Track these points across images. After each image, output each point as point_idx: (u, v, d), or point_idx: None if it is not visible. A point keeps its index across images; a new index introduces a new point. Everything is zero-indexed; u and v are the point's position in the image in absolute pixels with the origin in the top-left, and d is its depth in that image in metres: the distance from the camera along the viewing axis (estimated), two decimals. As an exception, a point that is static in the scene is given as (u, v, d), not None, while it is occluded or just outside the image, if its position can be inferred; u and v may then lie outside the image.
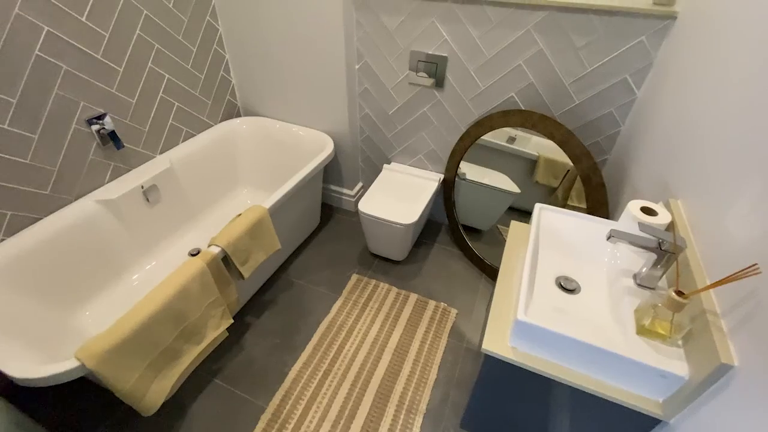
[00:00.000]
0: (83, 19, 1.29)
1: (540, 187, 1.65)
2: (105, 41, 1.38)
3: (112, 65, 1.43)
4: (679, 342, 0.71)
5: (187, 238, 1.81)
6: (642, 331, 0.73)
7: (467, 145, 1.67)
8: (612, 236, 0.79)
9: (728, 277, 0.57)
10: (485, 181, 1.77)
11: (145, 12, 1.48)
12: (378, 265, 1.88)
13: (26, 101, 1.21)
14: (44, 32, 1.20)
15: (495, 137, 1.63)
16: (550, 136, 1.42)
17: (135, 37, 1.48)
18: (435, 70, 1.59)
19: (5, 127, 1.18)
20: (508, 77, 1.50)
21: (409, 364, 1.46)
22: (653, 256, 0.77)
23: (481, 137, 1.62)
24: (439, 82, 1.62)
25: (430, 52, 1.56)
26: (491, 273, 1.81)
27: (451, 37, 1.50)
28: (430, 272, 1.85)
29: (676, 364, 0.67)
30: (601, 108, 1.42)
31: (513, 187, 1.72)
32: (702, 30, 0.99)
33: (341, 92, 1.77)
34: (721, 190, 0.72)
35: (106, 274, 1.51)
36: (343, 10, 1.54)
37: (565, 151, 1.41)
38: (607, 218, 1.38)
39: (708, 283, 0.67)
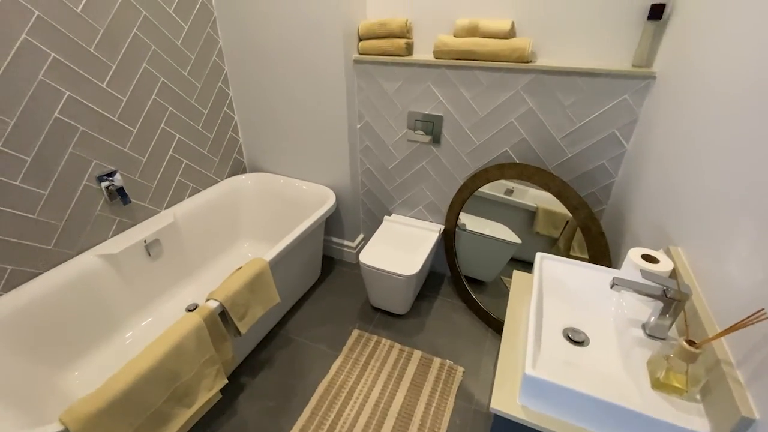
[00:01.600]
0: (103, 85, 1.40)
1: (541, 238, 1.65)
2: (122, 105, 1.47)
3: (127, 126, 1.51)
4: (697, 396, 0.67)
5: (185, 292, 1.78)
6: (657, 385, 0.69)
7: (465, 197, 1.70)
8: (615, 284, 0.77)
9: (736, 324, 0.55)
10: (486, 231, 1.78)
11: (162, 79, 1.60)
12: (380, 319, 1.83)
13: (41, 159, 1.26)
14: (65, 96, 1.29)
15: (493, 189, 1.67)
16: (546, 188, 1.45)
17: (151, 101, 1.58)
18: (431, 128, 1.68)
19: (17, 183, 1.22)
20: (502, 133, 1.57)
21: (415, 430, 1.36)
22: (660, 305, 0.76)
23: (479, 189, 1.66)
24: (436, 139, 1.70)
25: (427, 112, 1.66)
26: (497, 327, 1.75)
27: (445, 99, 1.60)
28: (433, 327, 1.79)
29: (696, 420, 0.63)
30: (593, 160, 1.47)
31: (513, 238, 1.72)
32: (679, 87, 1.06)
33: (343, 149, 1.85)
34: (719, 235, 0.73)
35: (99, 332, 1.47)
36: (346, 76, 1.66)
37: (561, 202, 1.43)
38: (610, 267, 1.37)
39: (718, 330, 0.65)
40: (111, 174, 1.48)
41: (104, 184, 1.46)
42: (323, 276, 2.10)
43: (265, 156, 2.11)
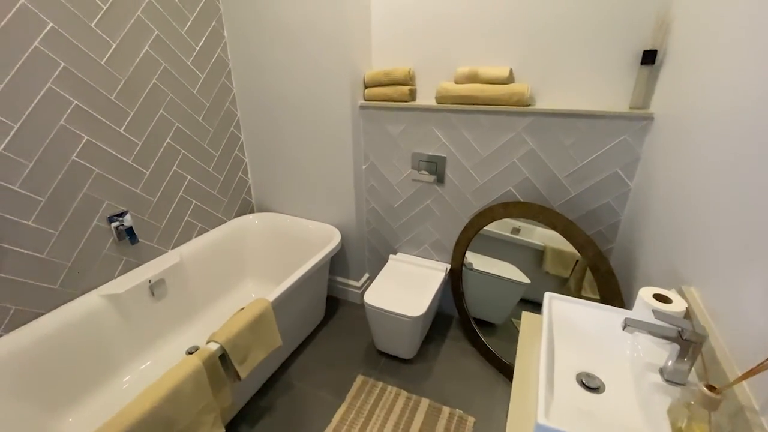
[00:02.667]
0: (121, 130, 1.47)
1: (551, 278, 1.62)
2: (137, 148, 1.54)
3: (141, 168, 1.57)
4: (727, 450, 0.61)
5: (188, 334, 1.75)
6: (681, 437, 0.64)
7: (471, 236, 1.69)
8: (628, 325, 0.74)
9: (757, 366, 0.52)
10: (493, 271, 1.75)
11: (177, 124, 1.68)
12: (385, 364, 1.76)
13: (55, 200, 1.30)
14: (84, 140, 1.36)
15: (499, 228, 1.66)
16: (552, 226, 1.44)
17: (165, 144, 1.65)
18: (435, 168, 1.71)
19: (29, 223, 1.25)
20: (505, 173, 1.59)
21: (422, 486, 1.26)
22: (677, 348, 0.72)
23: (484, 228, 1.65)
24: (440, 179, 1.72)
25: (430, 153, 1.70)
26: (509, 372, 1.67)
27: (448, 140, 1.64)
28: (442, 372, 1.71)
29: (728, 478, 0.57)
30: (597, 199, 1.47)
31: (522, 278, 1.69)
32: (678, 127, 1.07)
33: (349, 189, 1.88)
34: (732, 274, 0.70)
35: (96, 376, 1.43)
36: (352, 120, 1.73)
37: (568, 241, 1.42)
38: (623, 308, 1.32)
39: (739, 374, 0.61)
40: (121, 214, 1.52)
41: (114, 224, 1.49)
42: (327, 317, 2.06)
43: (273, 196, 2.15)
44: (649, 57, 1.24)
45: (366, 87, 1.75)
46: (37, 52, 1.19)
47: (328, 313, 2.09)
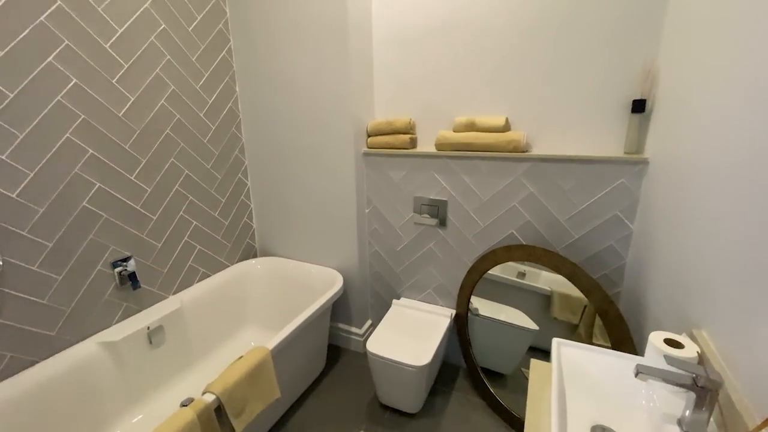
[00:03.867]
0: (132, 177, 1.52)
1: (560, 325, 1.57)
2: (146, 195, 1.58)
3: (148, 214, 1.60)
4: None
5: (184, 384, 1.68)
6: (709, 498, 0.58)
7: (475, 279, 1.67)
8: (640, 372, 0.71)
9: (782, 416, 0.49)
10: (500, 317, 1.71)
11: (186, 172, 1.74)
12: (389, 419, 1.66)
13: (61, 245, 1.32)
14: (96, 187, 1.40)
15: (504, 272, 1.64)
16: (557, 270, 1.43)
17: (173, 191, 1.70)
18: (437, 211, 1.73)
19: (34, 268, 1.26)
20: (506, 216, 1.61)
21: None
22: (693, 396, 0.68)
23: (488, 272, 1.64)
24: (442, 222, 1.74)
25: (432, 197, 1.73)
26: (520, 426, 1.57)
27: (448, 185, 1.68)
28: (450, 428, 1.61)
29: None
30: (600, 242, 1.47)
31: (530, 324, 1.64)
32: (672, 171, 1.10)
33: (352, 232, 1.89)
34: (743, 316, 0.68)
35: (86, 429, 1.36)
36: (355, 167, 1.79)
37: (574, 284, 1.39)
38: (634, 354, 1.27)
39: (758, 422, 0.57)
40: (126, 259, 1.53)
41: (117, 269, 1.50)
42: (328, 367, 1.98)
43: (277, 240, 2.16)
44: (639, 106, 1.30)
45: (369, 135, 1.82)
46: (59, 105, 1.27)
47: (329, 362, 2.01)
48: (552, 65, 1.44)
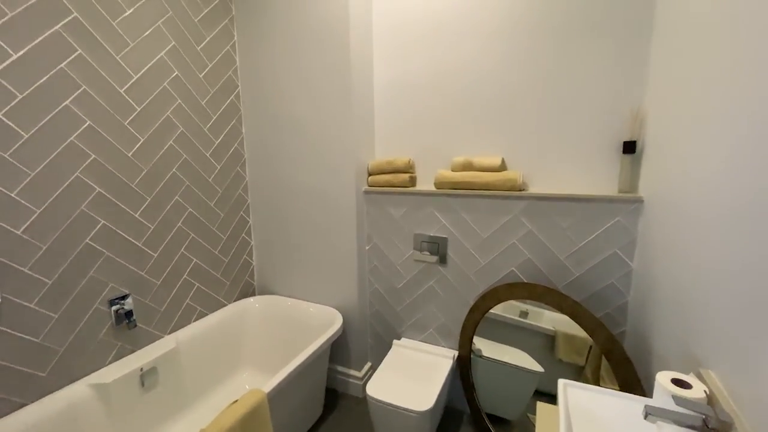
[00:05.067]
0: (136, 215, 1.54)
1: (566, 367, 1.52)
2: (149, 232, 1.59)
3: (149, 251, 1.60)
4: None
5: (175, 430, 1.60)
6: None
7: (477, 319, 1.64)
8: (649, 414, 0.69)
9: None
10: (504, 359, 1.66)
11: (189, 210, 1.77)
12: (389, 468, 1.57)
13: (61, 282, 1.31)
14: (99, 224, 1.42)
15: (506, 311, 1.62)
16: (559, 308, 1.41)
17: (176, 228, 1.71)
18: (437, 248, 1.74)
19: (31, 306, 1.24)
20: (506, 254, 1.61)
21: None
22: (705, 439, 0.66)
23: (491, 311, 1.61)
24: (442, 259, 1.74)
25: (432, 234, 1.75)
26: (528, 479, 1.47)
27: (448, 222, 1.70)
28: (452, 478, 1.52)
29: None
30: (601, 280, 1.46)
31: (535, 366, 1.59)
32: (666, 208, 1.12)
33: (352, 269, 1.89)
34: (750, 354, 0.68)
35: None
36: (356, 204, 1.82)
37: (577, 323, 1.37)
38: (643, 396, 1.22)
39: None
40: (123, 297, 1.51)
41: (114, 307, 1.48)
42: (326, 412, 1.89)
43: (276, 278, 2.15)
44: (629, 147, 1.35)
45: (370, 174, 1.87)
46: (71, 145, 1.32)
47: (326, 407, 1.92)
48: (544, 108, 1.51)
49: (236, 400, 1.28)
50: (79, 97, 1.33)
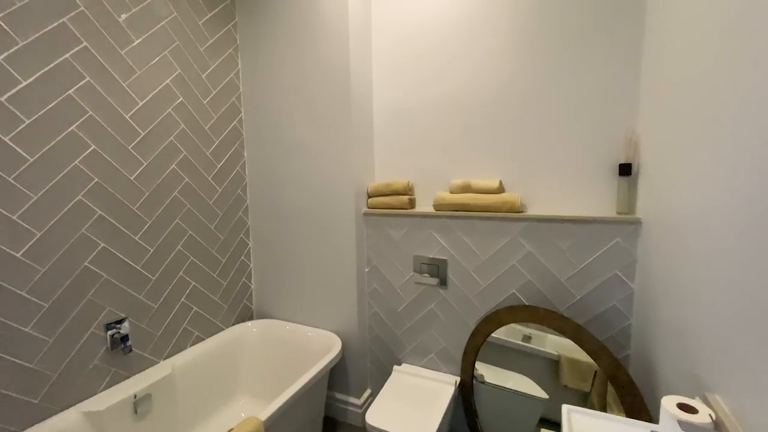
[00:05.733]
0: (136, 238, 1.54)
1: (571, 393, 1.48)
2: (148, 255, 1.59)
3: (147, 274, 1.60)
4: None
5: (164, 463, 1.54)
6: None
7: (479, 343, 1.61)
8: (656, 441, 0.67)
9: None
10: (507, 385, 1.62)
11: (189, 232, 1.77)
12: (389, 502, 1.50)
13: (58, 306, 1.30)
14: (99, 247, 1.42)
15: (509, 335, 1.60)
16: (561, 331, 1.39)
17: (175, 251, 1.71)
18: (437, 270, 1.73)
19: (26, 330, 1.22)
20: (506, 276, 1.60)
21: None
22: (716, 468, 0.63)
23: (493, 335, 1.59)
24: (443, 281, 1.73)
25: (431, 256, 1.74)
26: None
27: (447, 244, 1.70)
28: None
29: None
30: (603, 302, 1.45)
31: (539, 392, 1.55)
32: (665, 230, 1.13)
33: (352, 292, 1.87)
34: (757, 379, 0.66)
35: None
36: (356, 226, 1.83)
37: (580, 346, 1.35)
38: (649, 421, 1.19)
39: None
40: (120, 321, 1.49)
41: (111, 332, 1.45)
42: (324, 442, 1.83)
43: (274, 301, 2.13)
44: (625, 169, 1.36)
45: (369, 196, 1.89)
46: (75, 168, 1.34)
47: (325, 436, 1.86)
48: (541, 131, 1.54)
49: (231, 429, 1.25)
50: (85, 122, 1.36)
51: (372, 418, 1.49)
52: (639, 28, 1.35)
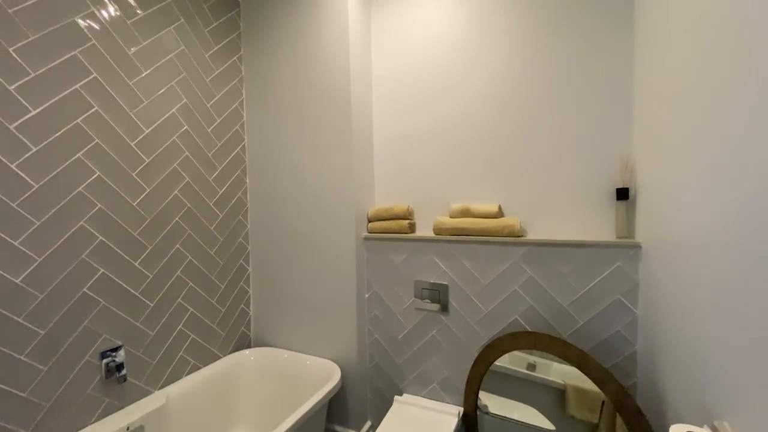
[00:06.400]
0: (136, 263, 1.54)
1: (579, 424, 1.43)
2: (147, 281, 1.58)
3: (146, 300, 1.58)
4: None
5: (155, 501, 1.47)
6: None
7: (482, 371, 1.57)
8: (667, 474, 0.64)
9: None
10: (513, 416, 1.57)
11: (189, 258, 1.77)
12: None
13: (54, 333, 1.28)
14: (99, 273, 1.41)
15: (513, 364, 1.56)
16: (565, 358, 1.36)
17: (174, 278, 1.70)
18: (438, 296, 1.71)
19: (21, 358, 1.20)
20: (508, 301, 1.58)
21: None
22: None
23: (496, 363, 1.55)
24: (444, 307, 1.70)
25: (432, 281, 1.73)
26: None
27: (448, 269, 1.69)
28: None
29: None
30: (606, 328, 1.42)
31: (546, 424, 1.50)
32: (665, 254, 1.12)
33: (351, 319, 1.84)
34: (765, 407, 0.64)
35: None
36: (356, 251, 1.82)
37: (585, 374, 1.32)
38: (663, 458, 1.14)
39: None
40: (116, 349, 1.46)
41: (106, 360, 1.43)
42: (323, 477, 1.75)
43: (273, 329, 2.09)
44: (623, 194, 1.38)
45: (369, 221, 1.90)
46: (79, 195, 1.35)
47: (323, 471, 1.78)
48: (539, 158, 1.57)
49: (226, 463, 1.20)
50: (90, 149, 1.39)
51: (372, 451, 1.44)
52: (630, 54, 1.40)
